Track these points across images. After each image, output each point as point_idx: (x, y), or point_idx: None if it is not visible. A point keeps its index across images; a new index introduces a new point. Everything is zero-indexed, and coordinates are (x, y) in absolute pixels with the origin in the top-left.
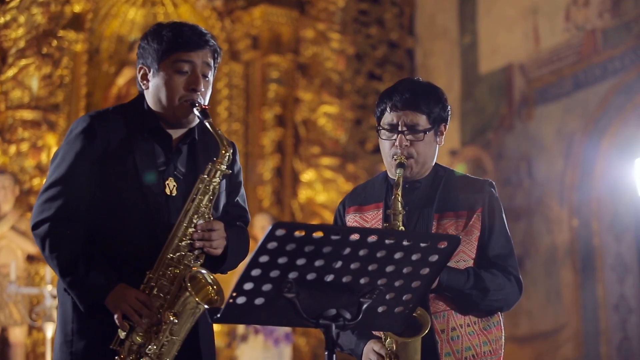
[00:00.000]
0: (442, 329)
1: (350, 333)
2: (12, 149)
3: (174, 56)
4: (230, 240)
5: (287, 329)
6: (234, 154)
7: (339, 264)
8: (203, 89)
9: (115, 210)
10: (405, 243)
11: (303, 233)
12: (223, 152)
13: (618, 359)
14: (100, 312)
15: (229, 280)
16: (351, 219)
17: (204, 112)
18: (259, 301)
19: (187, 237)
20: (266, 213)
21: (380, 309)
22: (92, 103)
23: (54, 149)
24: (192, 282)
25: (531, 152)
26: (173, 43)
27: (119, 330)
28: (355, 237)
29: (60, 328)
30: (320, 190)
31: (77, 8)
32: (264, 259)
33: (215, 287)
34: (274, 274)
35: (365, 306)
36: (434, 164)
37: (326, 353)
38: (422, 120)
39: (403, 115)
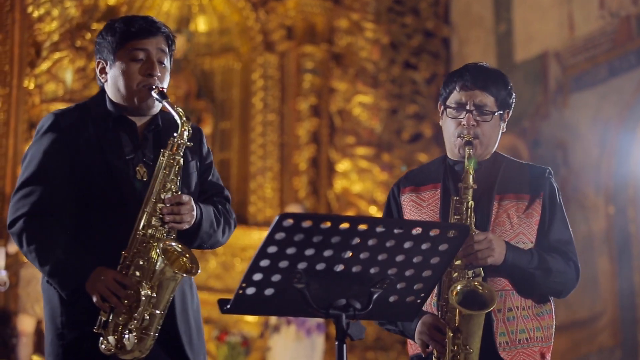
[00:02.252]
0: (499, 308)
1: None
2: None
3: (128, 45)
4: (203, 215)
5: (319, 319)
6: (200, 136)
7: (348, 254)
8: (159, 74)
9: (89, 199)
10: (414, 232)
11: (310, 223)
12: (182, 124)
13: None
14: (83, 298)
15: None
16: (407, 199)
17: (162, 93)
18: (268, 292)
19: (157, 213)
20: (299, 203)
21: (391, 299)
22: None
23: None
24: (165, 255)
25: (567, 140)
26: (126, 33)
27: (101, 312)
28: (363, 227)
29: (50, 322)
30: (355, 180)
31: (111, 1)
32: (272, 249)
33: (187, 255)
34: (283, 264)
35: (376, 296)
36: (494, 150)
37: (336, 343)
38: (490, 102)
39: (473, 95)
